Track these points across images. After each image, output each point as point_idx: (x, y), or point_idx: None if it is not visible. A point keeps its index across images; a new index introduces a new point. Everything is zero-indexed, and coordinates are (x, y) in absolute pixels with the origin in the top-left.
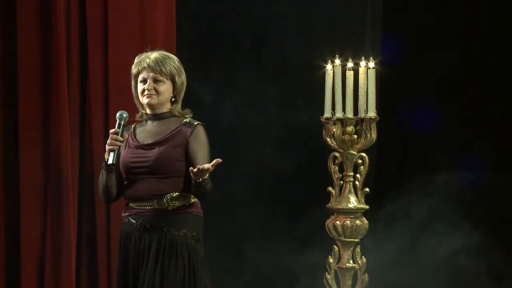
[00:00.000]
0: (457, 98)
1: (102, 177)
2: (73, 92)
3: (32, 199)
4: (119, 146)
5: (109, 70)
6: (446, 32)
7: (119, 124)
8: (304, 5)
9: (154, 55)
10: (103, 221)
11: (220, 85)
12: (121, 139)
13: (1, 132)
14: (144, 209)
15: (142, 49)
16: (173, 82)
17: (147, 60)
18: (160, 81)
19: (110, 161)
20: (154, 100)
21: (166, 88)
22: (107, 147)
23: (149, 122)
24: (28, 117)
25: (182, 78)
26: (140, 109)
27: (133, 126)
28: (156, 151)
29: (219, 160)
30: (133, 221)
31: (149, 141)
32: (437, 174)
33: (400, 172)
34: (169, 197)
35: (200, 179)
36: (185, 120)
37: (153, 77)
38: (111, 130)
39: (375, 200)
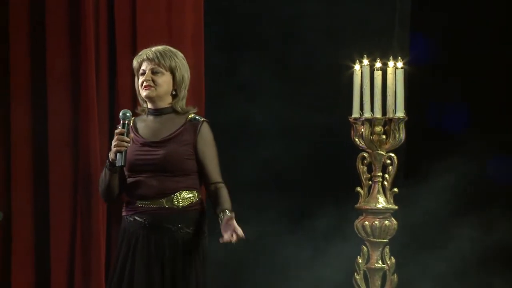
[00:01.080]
0: (486, 98)
1: (105, 176)
2: (102, 93)
3: (62, 199)
4: (126, 147)
5: None
6: (474, 32)
7: (124, 124)
8: (332, 4)
9: (155, 48)
10: None
11: (248, 85)
12: (128, 139)
13: (31, 133)
14: (152, 207)
15: None
16: (173, 75)
17: (147, 52)
18: (158, 72)
19: (118, 163)
20: (153, 92)
21: (164, 80)
22: (113, 148)
23: (151, 117)
24: (57, 118)
25: (182, 73)
26: (143, 104)
27: (132, 119)
28: (165, 149)
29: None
30: (139, 219)
31: (156, 138)
32: (465, 175)
33: (428, 172)
34: (178, 195)
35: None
36: (190, 116)
37: (151, 68)
38: (117, 131)
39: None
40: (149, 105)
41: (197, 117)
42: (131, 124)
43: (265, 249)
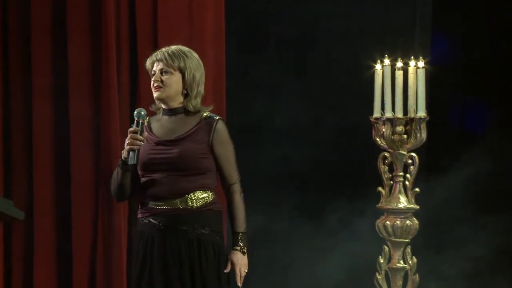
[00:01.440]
0: (507, 97)
1: (117, 175)
2: (123, 91)
3: (83, 198)
4: (139, 146)
5: None
6: (495, 31)
7: (138, 122)
8: (353, 4)
9: (166, 48)
10: None
11: (269, 85)
12: (142, 138)
13: (53, 133)
14: (166, 208)
15: (191, 48)
16: (183, 75)
17: (158, 53)
18: (167, 72)
19: (131, 161)
20: (162, 94)
21: (173, 80)
22: (126, 147)
23: (165, 117)
24: (79, 118)
25: (193, 72)
26: (158, 104)
27: (147, 119)
28: (179, 147)
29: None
30: (154, 221)
31: (170, 137)
32: (487, 174)
33: (449, 172)
34: (192, 196)
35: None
36: (205, 114)
37: (161, 68)
38: (130, 129)
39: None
40: (163, 105)
41: (211, 115)
42: (146, 123)
43: (288, 249)
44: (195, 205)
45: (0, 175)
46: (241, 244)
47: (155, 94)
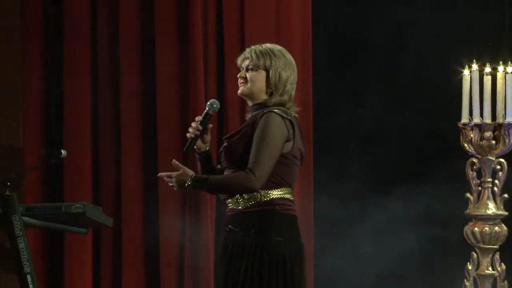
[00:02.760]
0: None
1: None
2: (210, 97)
3: (170, 204)
4: (196, 135)
5: None
6: None
7: (206, 113)
8: (440, 9)
9: (255, 46)
10: None
11: (356, 91)
12: (200, 127)
13: (141, 137)
14: (228, 209)
15: None
16: (267, 73)
17: (247, 50)
18: (252, 69)
19: (185, 148)
20: (244, 89)
21: (257, 77)
22: (187, 134)
23: (249, 114)
24: (167, 127)
25: (279, 71)
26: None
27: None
28: (228, 142)
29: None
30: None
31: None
32: None
33: None
34: (238, 196)
35: (188, 185)
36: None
37: (247, 65)
38: (196, 118)
39: None
40: (249, 102)
41: (270, 109)
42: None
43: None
44: (240, 205)
45: (89, 182)
46: (191, 182)
47: (239, 90)
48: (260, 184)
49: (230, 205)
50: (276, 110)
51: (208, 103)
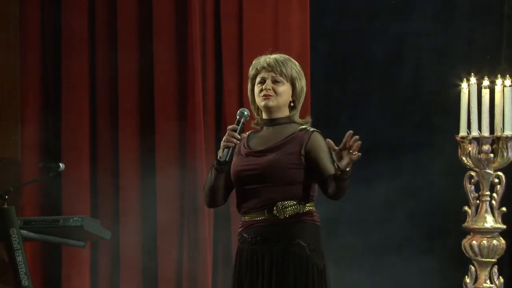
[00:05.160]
0: None
1: (210, 176)
2: (208, 113)
3: (168, 218)
4: (235, 144)
5: (243, 90)
6: None
7: (239, 121)
8: (439, 23)
9: (274, 56)
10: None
11: (355, 104)
12: (238, 136)
13: (139, 150)
14: (255, 220)
15: None
16: (293, 86)
17: (267, 60)
18: (279, 81)
19: (223, 158)
20: (272, 102)
21: (285, 90)
22: (222, 144)
23: (265, 128)
24: (165, 142)
25: (302, 83)
26: (256, 114)
27: (247, 134)
28: (267, 157)
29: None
30: (245, 235)
31: (261, 147)
32: None
33: None
34: (280, 206)
35: (345, 169)
36: (301, 126)
37: (273, 77)
38: (229, 127)
39: None
40: (264, 115)
41: (307, 127)
42: (246, 137)
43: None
44: (282, 215)
45: (87, 195)
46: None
47: (263, 102)
48: None
49: (259, 217)
50: (316, 130)
51: (239, 111)
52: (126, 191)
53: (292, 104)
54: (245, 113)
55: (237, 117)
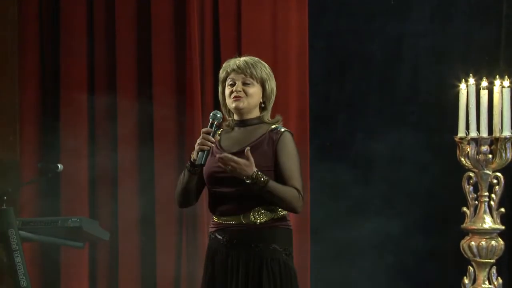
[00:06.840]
0: None
1: (183, 177)
2: (207, 113)
3: (167, 220)
4: (210, 147)
5: None
6: None
7: (212, 124)
8: (437, 23)
9: (244, 58)
10: None
11: (354, 104)
12: (213, 139)
13: (138, 153)
14: (230, 223)
15: (275, 68)
16: (263, 87)
17: (237, 62)
18: (249, 83)
19: (199, 161)
20: (243, 104)
21: (255, 91)
22: (196, 147)
23: (236, 128)
24: (163, 141)
25: (272, 85)
26: (227, 116)
27: (218, 132)
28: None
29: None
30: (219, 237)
31: (235, 149)
32: None
33: None
34: (256, 211)
35: (247, 179)
36: (272, 126)
37: (243, 79)
38: (203, 130)
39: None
40: (235, 117)
41: (278, 127)
42: (218, 135)
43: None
44: (258, 220)
45: (85, 196)
46: (255, 175)
47: (234, 104)
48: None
49: (234, 221)
50: (287, 129)
51: (212, 114)
52: (124, 192)
53: (262, 105)
54: (218, 115)
55: (210, 119)
